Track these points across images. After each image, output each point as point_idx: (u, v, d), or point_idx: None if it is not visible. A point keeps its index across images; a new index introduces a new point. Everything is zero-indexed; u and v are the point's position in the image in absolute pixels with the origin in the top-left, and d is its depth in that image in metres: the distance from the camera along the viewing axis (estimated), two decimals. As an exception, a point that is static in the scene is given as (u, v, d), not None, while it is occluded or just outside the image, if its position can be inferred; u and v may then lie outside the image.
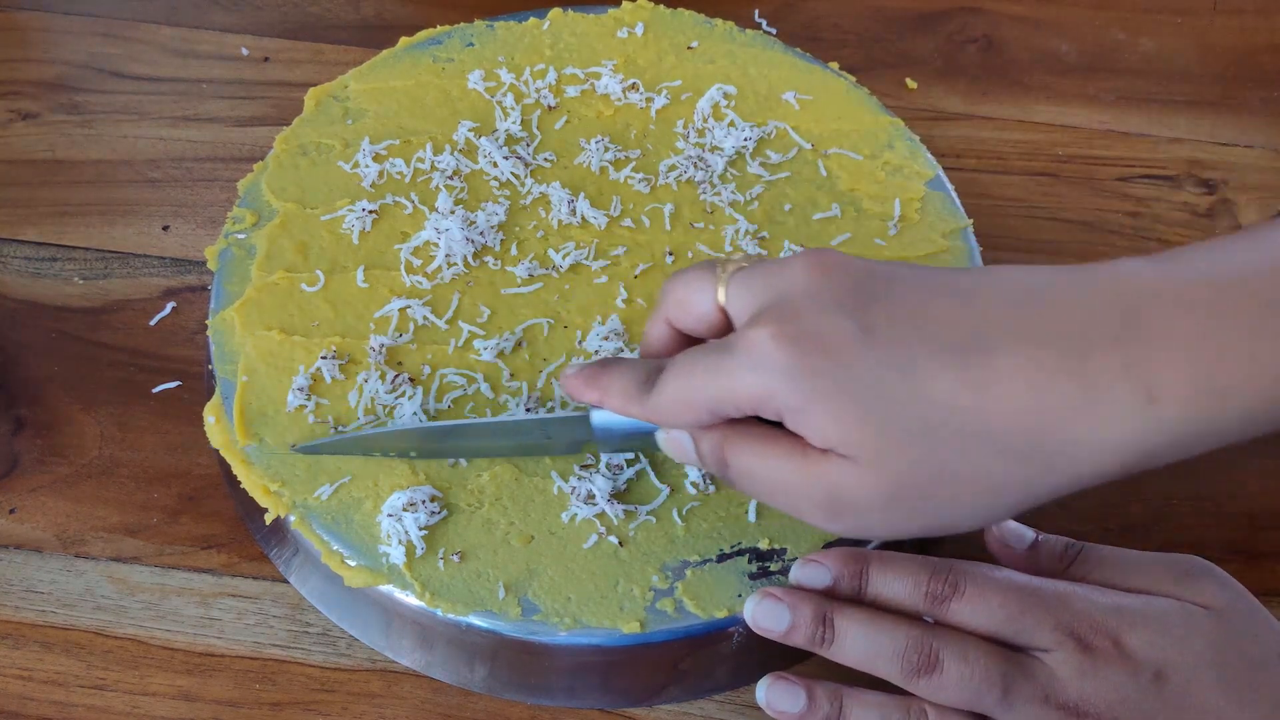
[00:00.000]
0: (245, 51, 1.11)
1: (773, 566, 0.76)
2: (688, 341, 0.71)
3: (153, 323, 0.94)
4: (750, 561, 0.76)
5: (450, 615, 0.74)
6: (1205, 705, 0.68)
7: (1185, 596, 0.71)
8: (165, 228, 0.99)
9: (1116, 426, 0.60)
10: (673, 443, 0.70)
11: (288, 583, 0.83)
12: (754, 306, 0.65)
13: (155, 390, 0.91)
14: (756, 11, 1.13)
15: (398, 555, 0.75)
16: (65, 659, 0.81)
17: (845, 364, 0.61)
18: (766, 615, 0.71)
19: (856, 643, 0.70)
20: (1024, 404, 0.60)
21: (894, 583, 0.71)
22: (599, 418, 0.73)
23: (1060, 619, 0.69)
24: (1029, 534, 0.77)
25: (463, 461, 0.79)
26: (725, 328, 0.68)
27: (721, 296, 0.67)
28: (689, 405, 0.66)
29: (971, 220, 0.91)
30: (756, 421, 0.66)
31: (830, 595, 0.72)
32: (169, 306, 0.95)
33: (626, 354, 0.81)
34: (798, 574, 0.72)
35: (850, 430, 0.61)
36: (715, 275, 0.68)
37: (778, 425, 0.65)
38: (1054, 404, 0.60)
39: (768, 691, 0.72)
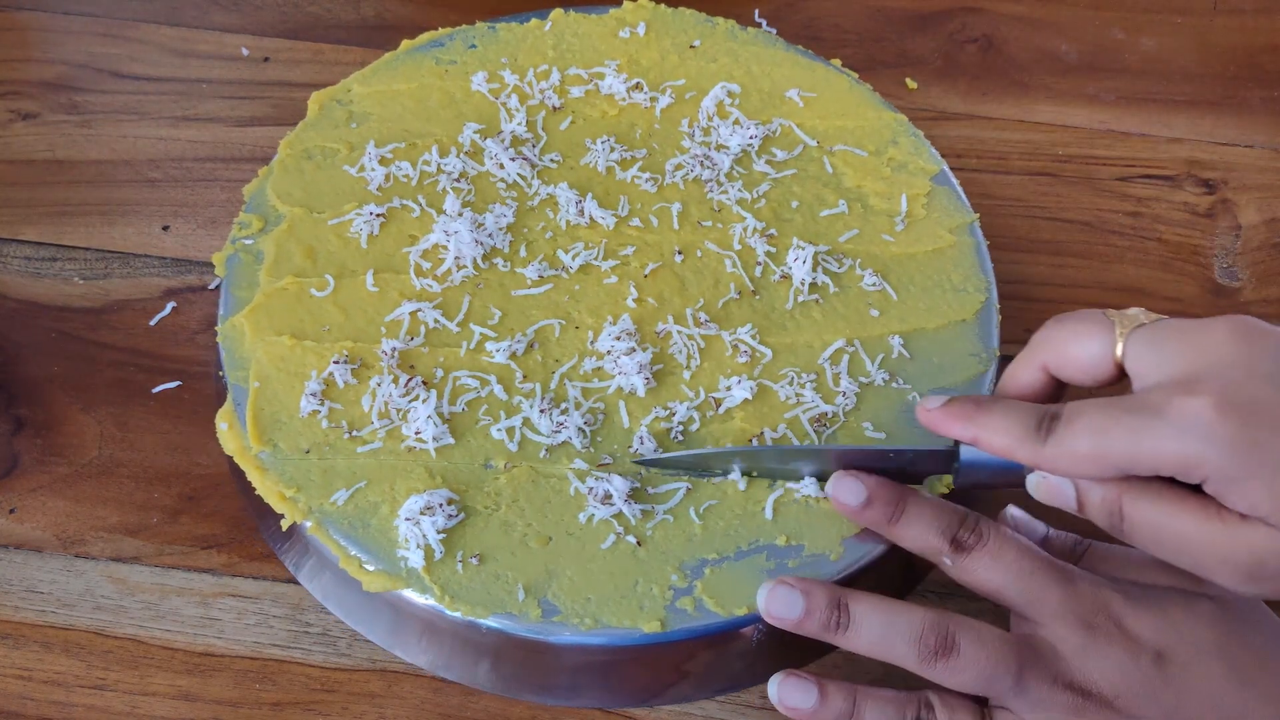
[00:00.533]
0: (245, 51, 1.10)
1: (791, 563, 0.76)
2: (1059, 387, 0.74)
3: (153, 323, 0.94)
4: (768, 559, 0.76)
5: (470, 618, 0.74)
6: (1209, 690, 0.69)
7: (1189, 588, 0.72)
8: (165, 228, 0.99)
9: None
10: (1051, 488, 0.70)
11: (288, 583, 0.83)
12: (1168, 368, 0.67)
13: (155, 390, 0.91)
14: (757, 11, 1.13)
15: (416, 559, 0.75)
16: (65, 659, 0.80)
17: None
18: (779, 603, 0.72)
19: (872, 628, 0.71)
20: None
21: (925, 523, 0.73)
22: (969, 456, 0.74)
23: (1066, 592, 0.71)
24: (1040, 527, 0.79)
25: (490, 464, 0.79)
26: (1115, 381, 0.71)
27: (1119, 352, 0.69)
28: (1099, 460, 0.66)
29: (978, 215, 0.92)
30: (1159, 478, 0.67)
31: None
32: (169, 306, 0.94)
33: (639, 354, 0.81)
34: (836, 490, 0.75)
35: None
36: (1112, 329, 0.70)
37: (1182, 485, 0.66)
38: None
39: (779, 688, 0.72)
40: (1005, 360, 0.84)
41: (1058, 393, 0.75)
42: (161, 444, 0.89)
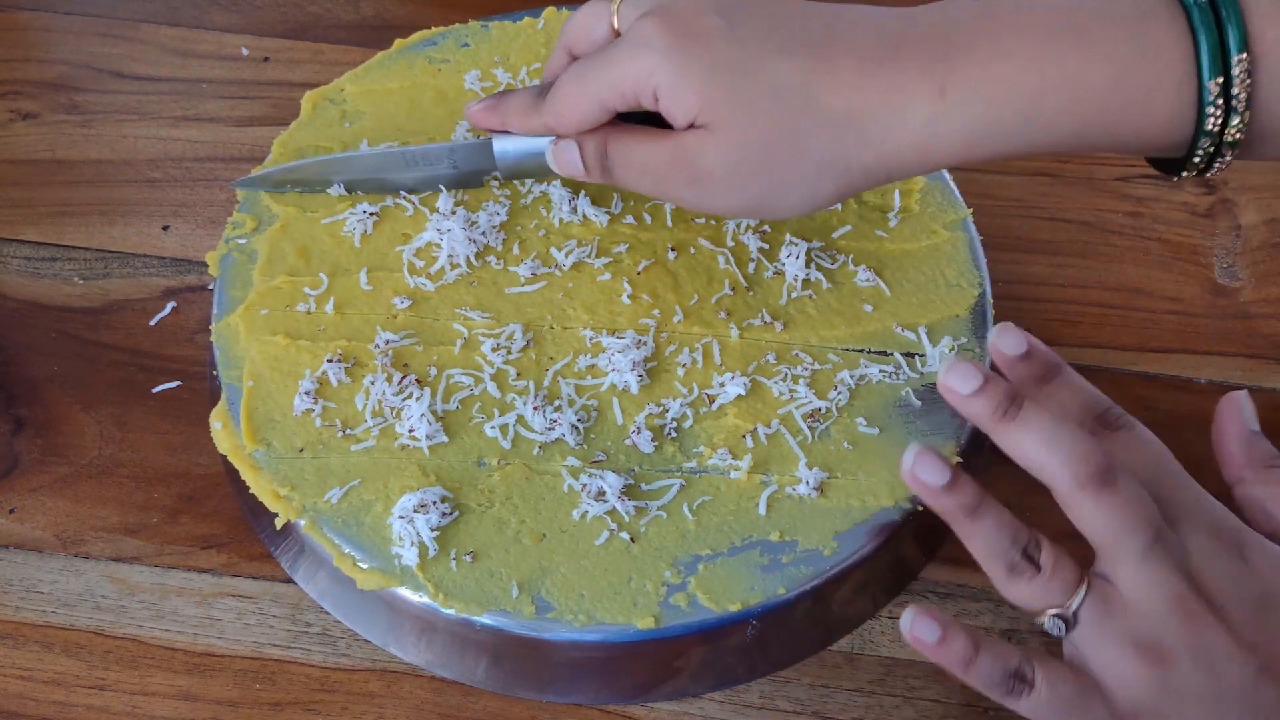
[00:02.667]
0: (245, 51, 1.11)
1: (784, 558, 0.76)
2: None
3: (153, 323, 0.94)
4: (762, 554, 0.76)
5: (464, 615, 0.74)
6: None
7: None
8: (165, 228, 0.99)
9: (913, 115, 0.71)
10: (561, 154, 0.80)
11: (288, 583, 0.83)
12: (640, 13, 0.75)
13: (155, 390, 0.91)
14: (755, 11, 1.13)
15: (410, 557, 0.75)
16: (65, 659, 0.81)
17: (712, 48, 0.72)
18: (958, 377, 0.72)
19: (1041, 428, 0.70)
20: (848, 90, 0.71)
21: (1071, 399, 0.76)
22: (499, 144, 0.83)
23: (1197, 506, 0.72)
24: None
25: (484, 461, 0.79)
26: None
27: (616, 20, 0.77)
28: (581, 101, 0.76)
29: (971, 210, 0.91)
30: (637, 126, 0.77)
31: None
32: (169, 306, 0.95)
33: (634, 351, 0.82)
34: (1000, 338, 0.77)
35: (710, 100, 0.72)
36: (610, 3, 0.78)
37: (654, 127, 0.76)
38: (869, 92, 0.71)
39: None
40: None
41: None
42: (161, 444, 0.89)
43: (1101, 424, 0.74)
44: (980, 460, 0.85)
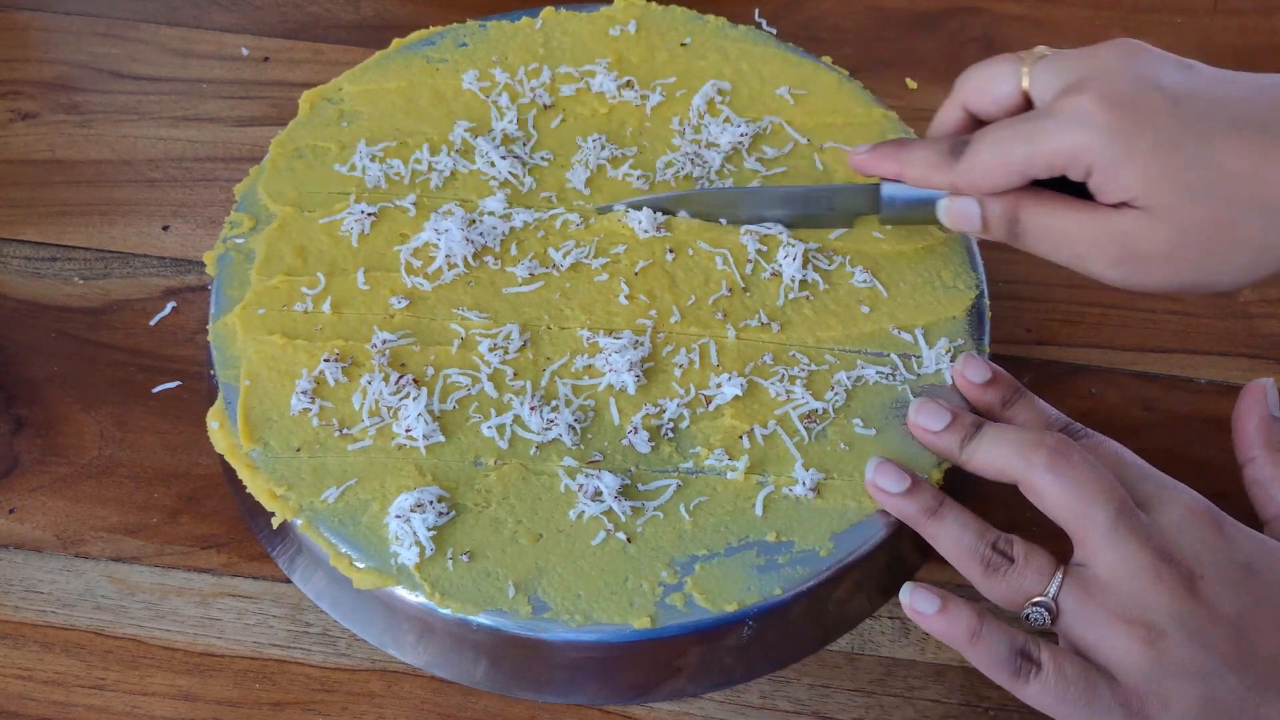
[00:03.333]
0: (245, 51, 1.11)
1: (781, 559, 0.76)
2: (979, 125, 0.82)
3: (153, 323, 0.94)
4: (758, 555, 0.76)
5: (460, 615, 0.74)
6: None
7: None
8: (165, 228, 0.99)
9: None
10: (959, 210, 0.80)
11: (288, 583, 0.83)
12: (1060, 84, 0.76)
13: (155, 390, 0.91)
14: (756, 11, 1.13)
15: (407, 556, 0.75)
16: (65, 659, 0.81)
17: (1156, 126, 0.71)
18: (929, 414, 0.78)
19: (998, 436, 0.76)
20: None
21: (1034, 415, 0.80)
22: (889, 190, 0.83)
23: (1166, 489, 0.74)
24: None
25: (480, 461, 0.79)
26: (1023, 110, 0.79)
27: (1026, 82, 0.78)
28: (1002, 166, 0.76)
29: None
30: (1051, 191, 0.77)
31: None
32: (169, 306, 0.95)
33: (631, 352, 0.82)
34: (966, 368, 0.82)
35: (1152, 183, 0.71)
36: (1020, 61, 0.79)
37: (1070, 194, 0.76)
38: None
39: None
40: (994, 358, 0.84)
41: None
42: (161, 444, 0.89)
43: (1065, 433, 0.77)
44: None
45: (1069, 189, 0.76)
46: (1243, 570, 0.70)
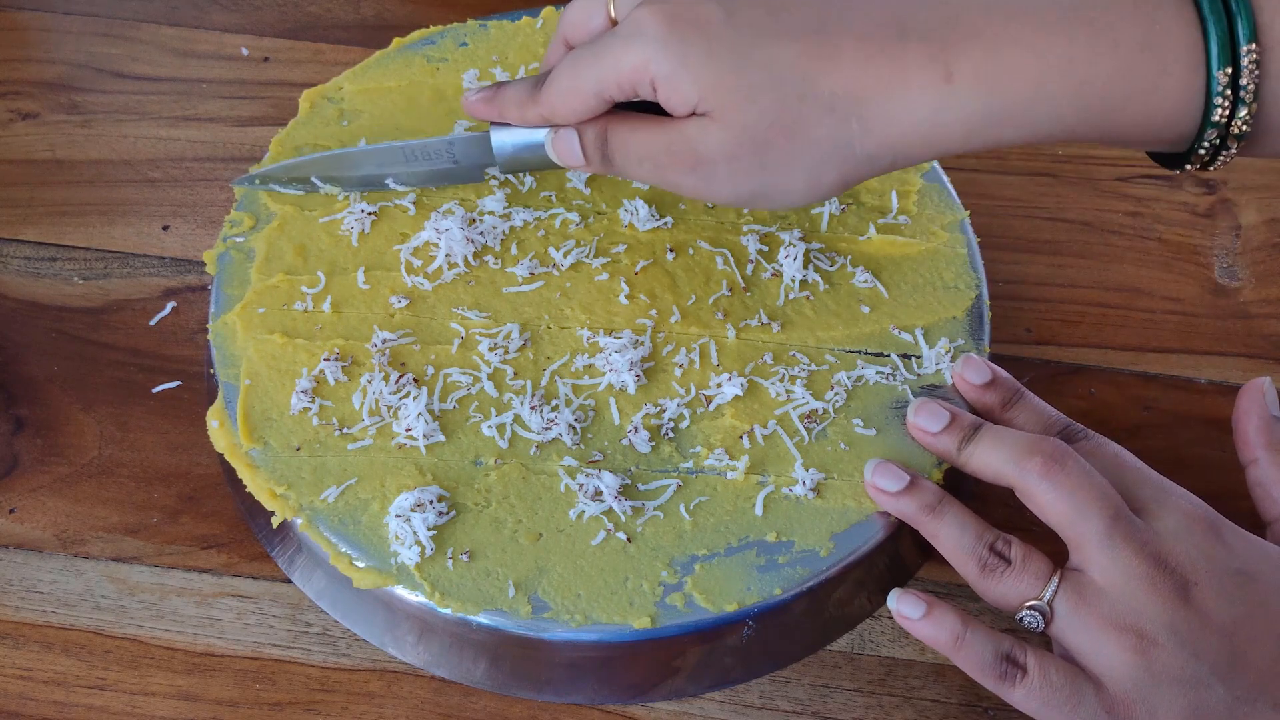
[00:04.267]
0: (245, 51, 1.11)
1: (781, 559, 0.76)
2: None
3: (153, 323, 0.94)
4: (758, 555, 0.76)
5: (460, 614, 0.74)
6: (1272, 627, 0.70)
7: None
8: (165, 228, 0.99)
9: (918, 100, 0.70)
10: (561, 143, 0.79)
11: (288, 583, 0.83)
12: (634, 5, 0.75)
13: (155, 390, 0.91)
14: (756, 11, 1.13)
15: (407, 556, 0.75)
16: (65, 659, 0.81)
17: (709, 35, 0.71)
18: (928, 415, 0.78)
19: (995, 439, 0.76)
20: (850, 74, 0.70)
21: (1034, 416, 0.80)
22: (497, 136, 0.81)
23: (1164, 493, 0.73)
24: None
25: (480, 460, 0.79)
26: None
27: (613, 9, 0.78)
28: (577, 91, 0.76)
29: (969, 211, 0.91)
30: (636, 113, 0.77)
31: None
32: (169, 306, 0.95)
33: (631, 351, 0.82)
34: (965, 368, 0.82)
35: (708, 88, 0.71)
36: None
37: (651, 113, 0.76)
38: (873, 77, 0.70)
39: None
40: (994, 358, 0.84)
41: None
42: (161, 444, 0.89)
43: (1062, 439, 0.76)
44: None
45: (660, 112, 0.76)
46: (1239, 577, 0.70)
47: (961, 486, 0.80)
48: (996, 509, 0.77)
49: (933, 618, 0.72)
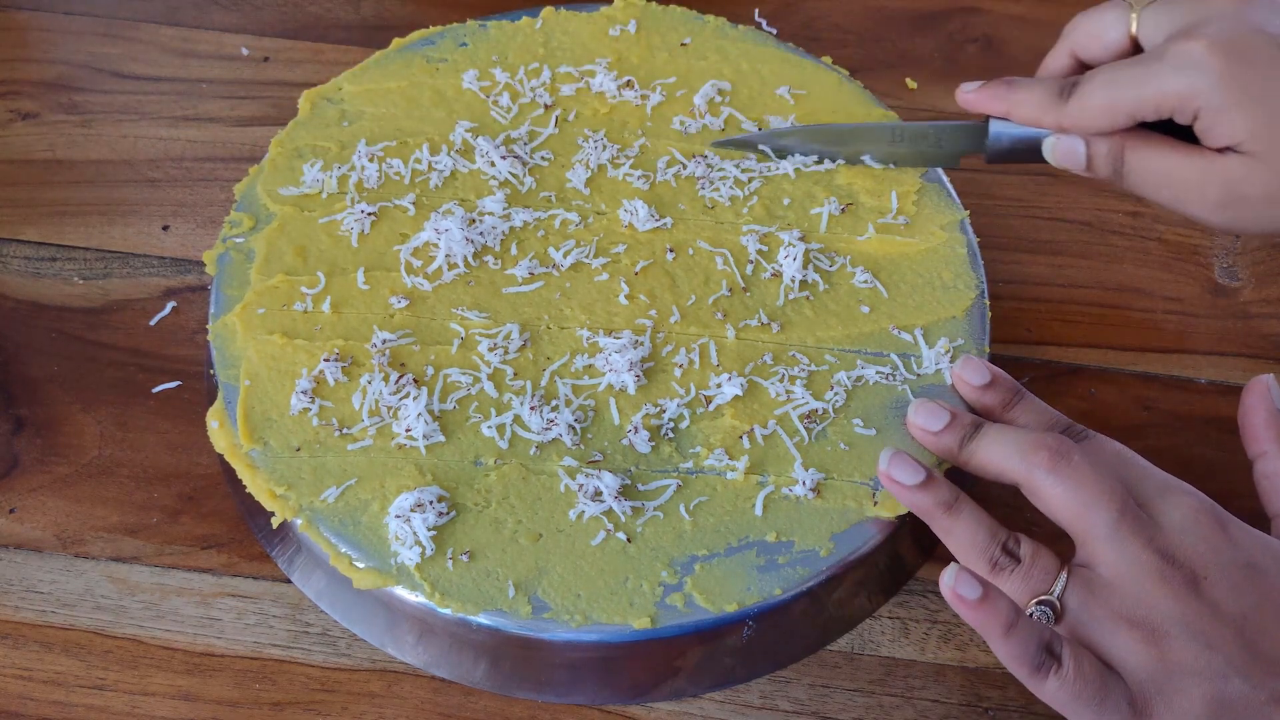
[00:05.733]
0: (245, 51, 1.11)
1: (781, 559, 0.76)
2: (1085, 69, 0.85)
3: (153, 323, 0.94)
4: (758, 555, 0.76)
5: (460, 615, 0.74)
6: None
7: None
8: (165, 228, 0.99)
9: None
10: (1064, 148, 0.83)
11: (288, 583, 0.83)
12: (1170, 29, 0.79)
13: (155, 390, 0.91)
14: (756, 11, 1.13)
15: (407, 556, 0.75)
16: (65, 659, 0.81)
17: (1266, 75, 0.74)
18: (927, 415, 0.78)
19: (999, 436, 0.76)
20: None
21: (1035, 416, 0.80)
22: (996, 128, 0.86)
23: (1168, 488, 0.73)
24: None
25: (480, 461, 0.79)
26: (1130, 56, 0.82)
27: (1134, 27, 0.81)
28: (1111, 109, 0.79)
29: (968, 212, 0.91)
30: (1156, 133, 0.80)
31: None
32: (169, 306, 0.95)
33: (631, 352, 0.82)
34: (964, 370, 0.82)
35: (1260, 126, 0.75)
36: (1128, 8, 0.82)
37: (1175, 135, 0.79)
38: None
39: (889, 461, 0.76)
40: (994, 358, 0.84)
41: None
42: (161, 444, 0.89)
43: (1063, 431, 0.77)
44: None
45: (1173, 131, 0.79)
46: (1247, 570, 0.70)
47: (962, 489, 0.80)
48: (996, 509, 0.77)
49: (989, 603, 0.70)
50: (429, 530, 0.75)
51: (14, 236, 0.98)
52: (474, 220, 0.88)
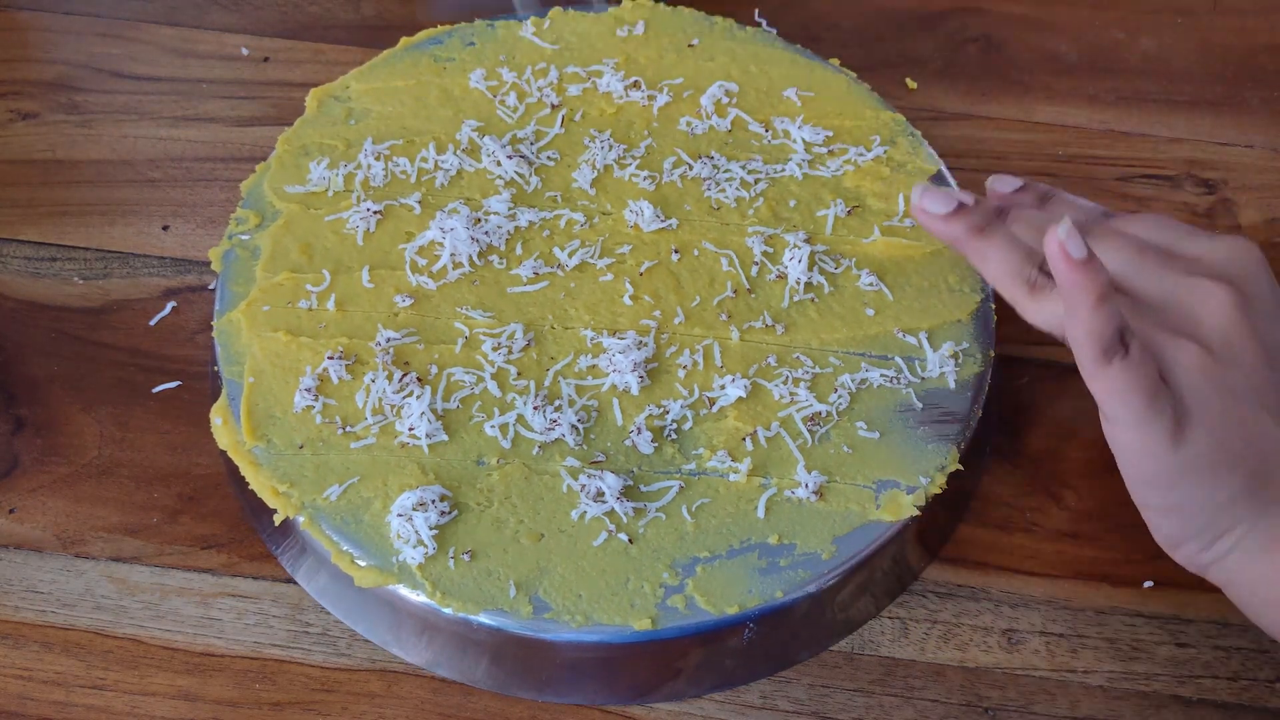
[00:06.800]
0: (245, 51, 1.10)
1: (783, 561, 0.76)
2: None
3: (153, 323, 0.94)
4: (760, 557, 0.76)
5: (462, 614, 0.74)
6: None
7: None
8: (165, 228, 0.99)
9: None
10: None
11: (288, 583, 0.83)
12: None
13: (155, 390, 0.91)
14: (757, 10, 1.13)
15: (409, 555, 0.75)
16: (65, 659, 0.80)
17: None
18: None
19: (1032, 217, 0.76)
20: None
21: (1070, 208, 0.79)
22: None
23: (1218, 237, 0.74)
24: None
25: (483, 460, 0.79)
26: None
27: None
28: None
29: (975, 216, 0.91)
30: None
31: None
32: (169, 306, 0.94)
33: (635, 352, 0.82)
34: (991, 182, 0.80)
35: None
36: None
37: None
38: None
39: (921, 194, 0.76)
40: (998, 358, 0.84)
41: None
42: (161, 444, 0.89)
43: (1106, 218, 0.77)
44: (981, 462, 0.86)
45: None
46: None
47: (961, 490, 0.80)
48: (993, 510, 0.77)
49: (1092, 265, 0.67)
50: (431, 529, 0.75)
51: (14, 236, 0.98)
52: (479, 219, 0.88)
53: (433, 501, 0.76)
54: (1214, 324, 0.69)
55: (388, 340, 0.82)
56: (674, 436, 0.80)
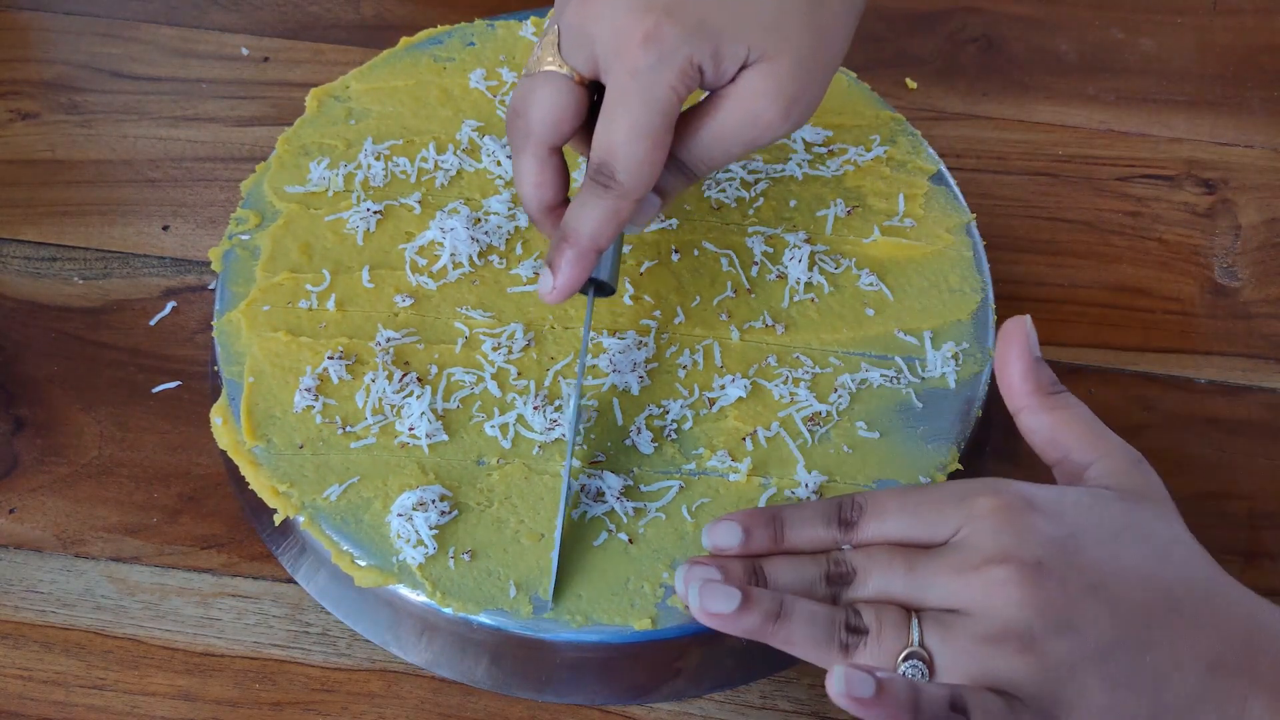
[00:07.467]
0: (245, 51, 1.11)
1: None
2: None
3: (153, 323, 0.94)
4: (760, 557, 0.76)
5: (462, 614, 0.74)
6: (1123, 565, 0.67)
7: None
8: (165, 228, 0.99)
9: None
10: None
11: (288, 583, 0.83)
12: None
13: (155, 390, 0.91)
14: (756, 11, 1.13)
15: (409, 555, 0.75)
16: (65, 659, 0.81)
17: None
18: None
19: (786, 575, 0.70)
20: None
21: (807, 527, 0.72)
22: None
23: (965, 496, 0.69)
24: None
25: (483, 460, 0.79)
26: None
27: None
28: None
29: (974, 215, 0.91)
30: None
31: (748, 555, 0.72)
32: (169, 306, 0.95)
33: (635, 352, 0.82)
34: (711, 537, 0.72)
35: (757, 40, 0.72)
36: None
37: None
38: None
39: (700, 593, 0.69)
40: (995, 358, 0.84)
41: None
42: (161, 444, 0.89)
43: (845, 530, 0.72)
44: (981, 461, 0.85)
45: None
46: (1070, 539, 0.67)
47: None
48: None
49: (887, 691, 0.64)
50: (431, 529, 0.75)
51: (14, 236, 0.98)
52: (479, 219, 0.88)
53: (433, 501, 0.76)
54: (1015, 614, 0.66)
55: (388, 340, 0.82)
56: (674, 436, 0.80)
